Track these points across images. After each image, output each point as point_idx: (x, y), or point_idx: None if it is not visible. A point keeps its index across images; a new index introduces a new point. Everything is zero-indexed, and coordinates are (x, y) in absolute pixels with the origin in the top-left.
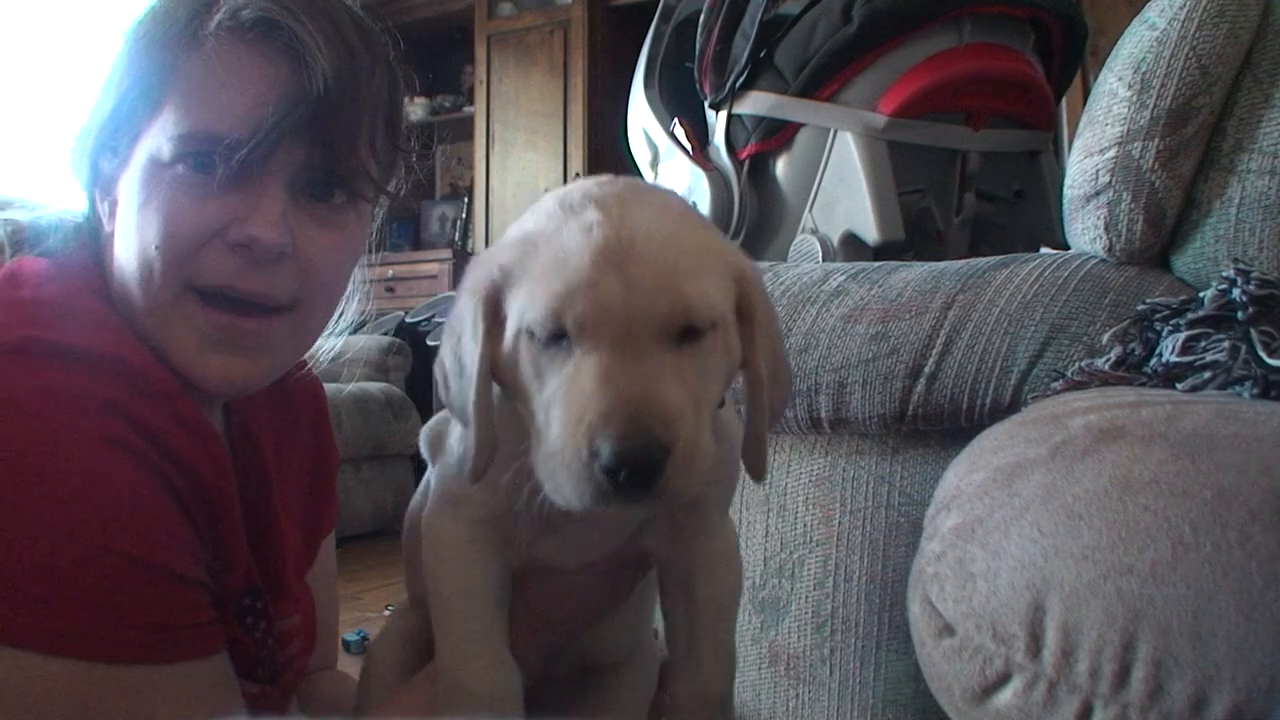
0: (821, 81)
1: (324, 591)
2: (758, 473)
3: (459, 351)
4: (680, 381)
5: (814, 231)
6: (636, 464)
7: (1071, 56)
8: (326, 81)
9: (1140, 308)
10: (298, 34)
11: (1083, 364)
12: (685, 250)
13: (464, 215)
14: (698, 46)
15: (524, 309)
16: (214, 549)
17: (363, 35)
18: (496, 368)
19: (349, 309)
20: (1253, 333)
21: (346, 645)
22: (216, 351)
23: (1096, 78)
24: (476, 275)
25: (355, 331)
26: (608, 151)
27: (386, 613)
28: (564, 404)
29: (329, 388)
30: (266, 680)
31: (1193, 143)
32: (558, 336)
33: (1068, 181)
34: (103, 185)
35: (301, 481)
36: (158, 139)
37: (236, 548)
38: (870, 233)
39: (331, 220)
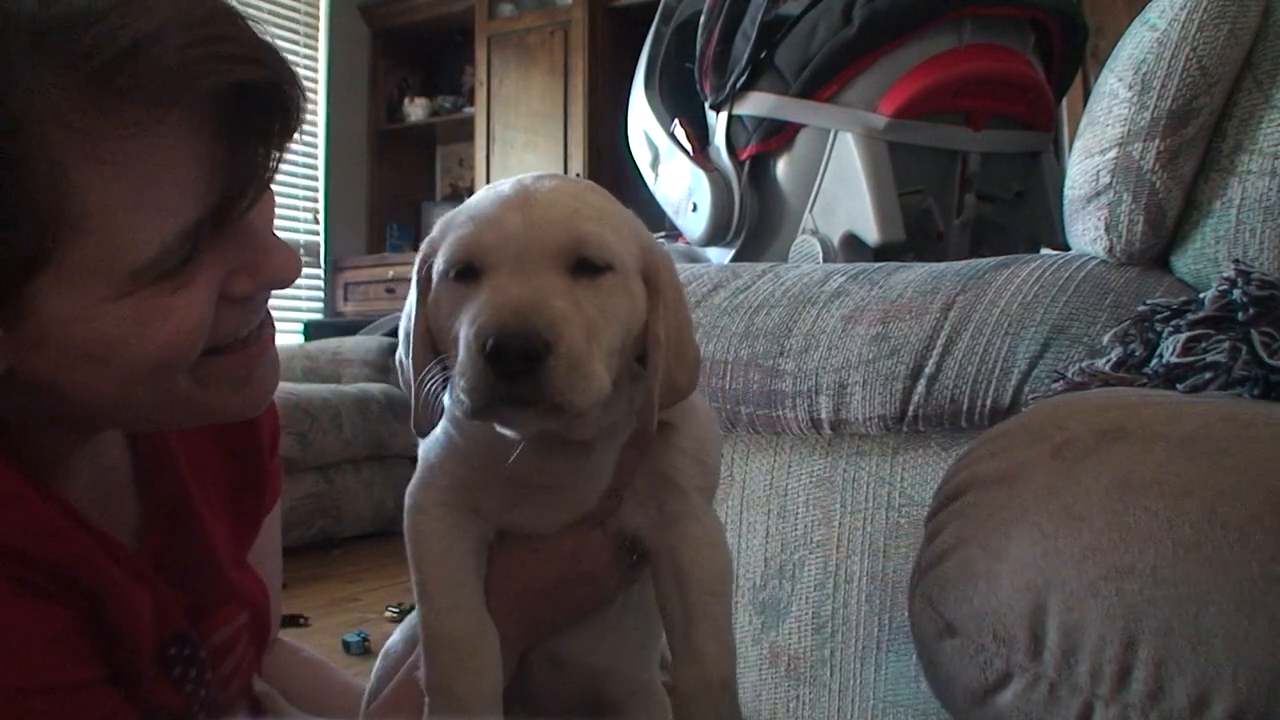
0: (822, 82)
1: (268, 566)
2: (645, 430)
3: (407, 329)
4: (572, 301)
5: (814, 232)
6: (515, 348)
7: (1071, 57)
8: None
9: (1141, 308)
10: (288, 93)
11: (1083, 365)
12: (590, 205)
13: None
14: (698, 47)
15: (443, 257)
16: (113, 627)
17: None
18: (430, 326)
19: None
20: (1253, 333)
21: (347, 646)
22: (247, 384)
23: (1096, 78)
24: (417, 260)
25: (356, 332)
26: (608, 152)
27: (387, 613)
28: (468, 321)
29: (330, 388)
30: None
31: (1193, 143)
32: (468, 272)
33: (1068, 182)
34: None
35: (223, 463)
36: (92, 274)
37: (137, 616)
38: (871, 233)
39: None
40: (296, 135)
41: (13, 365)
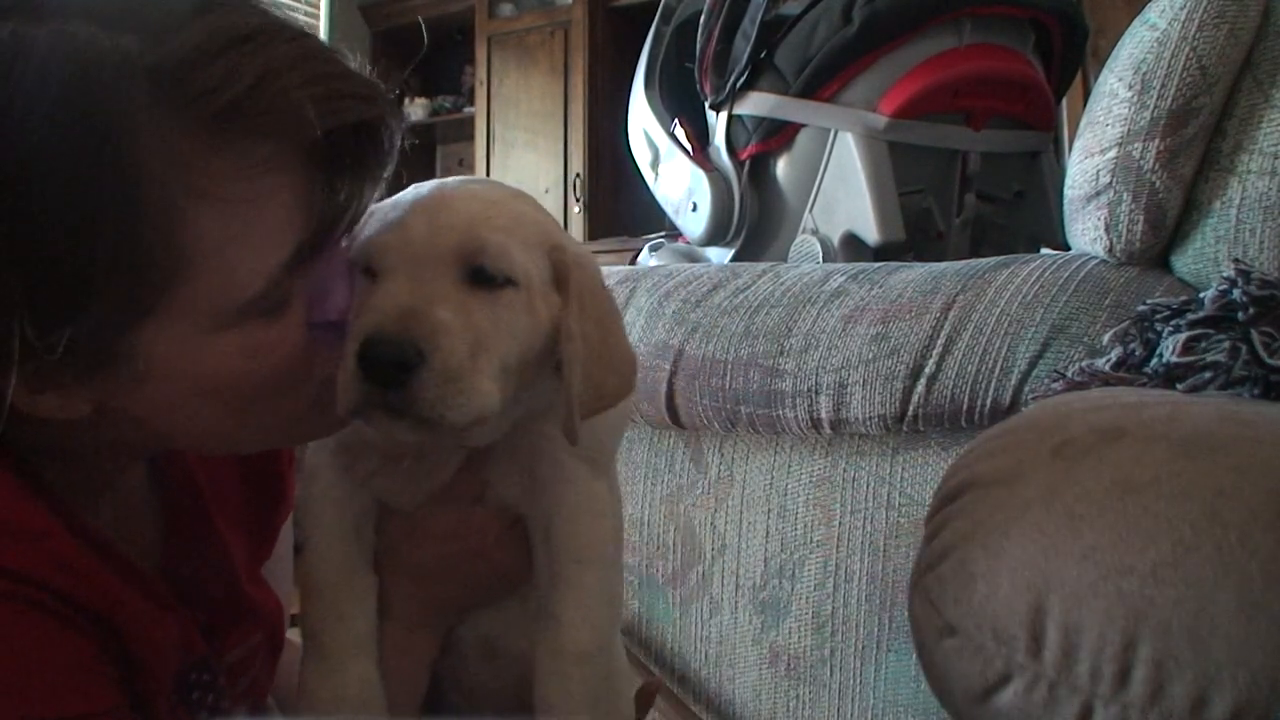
0: (822, 82)
1: (280, 575)
2: (568, 436)
3: None
4: (461, 312)
5: (814, 232)
6: (386, 356)
7: (1071, 57)
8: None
9: (1141, 308)
10: (391, 129)
11: (1083, 364)
12: (499, 212)
13: None
14: (698, 47)
15: (354, 251)
16: (133, 657)
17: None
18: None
19: None
20: (1253, 333)
21: None
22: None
23: (1096, 78)
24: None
25: None
26: (608, 152)
27: None
28: (354, 321)
29: None
30: None
31: (1193, 143)
32: (371, 272)
33: (1068, 182)
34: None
35: (240, 475)
36: (200, 313)
37: (160, 645)
38: (871, 233)
39: None
40: None
41: (104, 403)
